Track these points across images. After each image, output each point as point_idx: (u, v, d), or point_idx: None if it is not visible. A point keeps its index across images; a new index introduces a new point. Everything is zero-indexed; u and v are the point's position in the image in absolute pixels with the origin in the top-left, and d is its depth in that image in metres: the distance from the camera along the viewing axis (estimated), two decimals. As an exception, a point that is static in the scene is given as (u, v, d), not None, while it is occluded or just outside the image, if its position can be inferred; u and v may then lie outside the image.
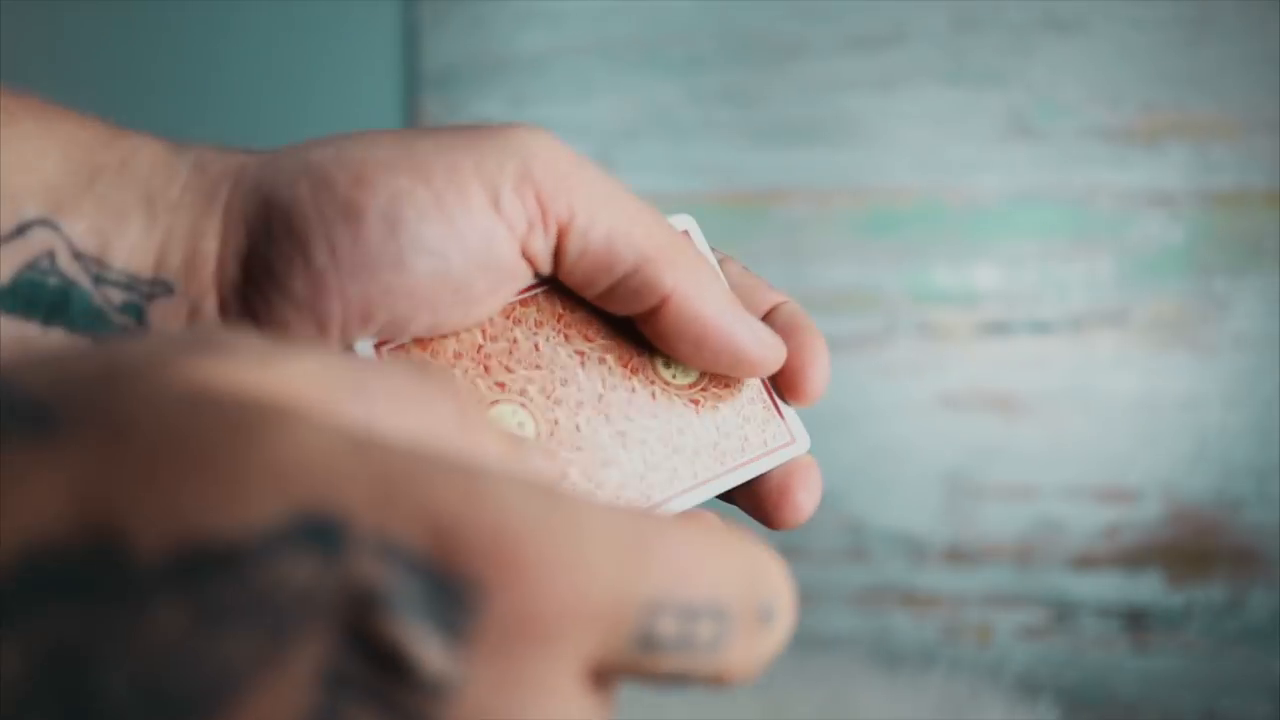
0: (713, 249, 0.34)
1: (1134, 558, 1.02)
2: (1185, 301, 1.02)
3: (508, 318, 0.30)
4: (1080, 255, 1.03)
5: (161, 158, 0.28)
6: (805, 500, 0.32)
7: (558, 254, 0.30)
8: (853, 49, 1.05)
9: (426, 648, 0.16)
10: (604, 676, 0.19)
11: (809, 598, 1.05)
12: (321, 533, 0.16)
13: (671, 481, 0.31)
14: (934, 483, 1.04)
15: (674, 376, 0.31)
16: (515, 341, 0.30)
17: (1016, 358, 1.04)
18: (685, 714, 0.85)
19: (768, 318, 0.35)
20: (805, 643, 1.03)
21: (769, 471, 0.32)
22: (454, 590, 0.16)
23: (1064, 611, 1.03)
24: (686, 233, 0.34)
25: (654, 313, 0.31)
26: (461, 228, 0.28)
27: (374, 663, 0.16)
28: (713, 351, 0.31)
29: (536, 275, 0.30)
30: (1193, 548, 1.02)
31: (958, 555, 1.04)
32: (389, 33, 1.12)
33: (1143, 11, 1.02)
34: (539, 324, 0.31)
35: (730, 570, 0.19)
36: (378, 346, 0.29)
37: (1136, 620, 1.02)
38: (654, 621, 0.18)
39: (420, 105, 1.10)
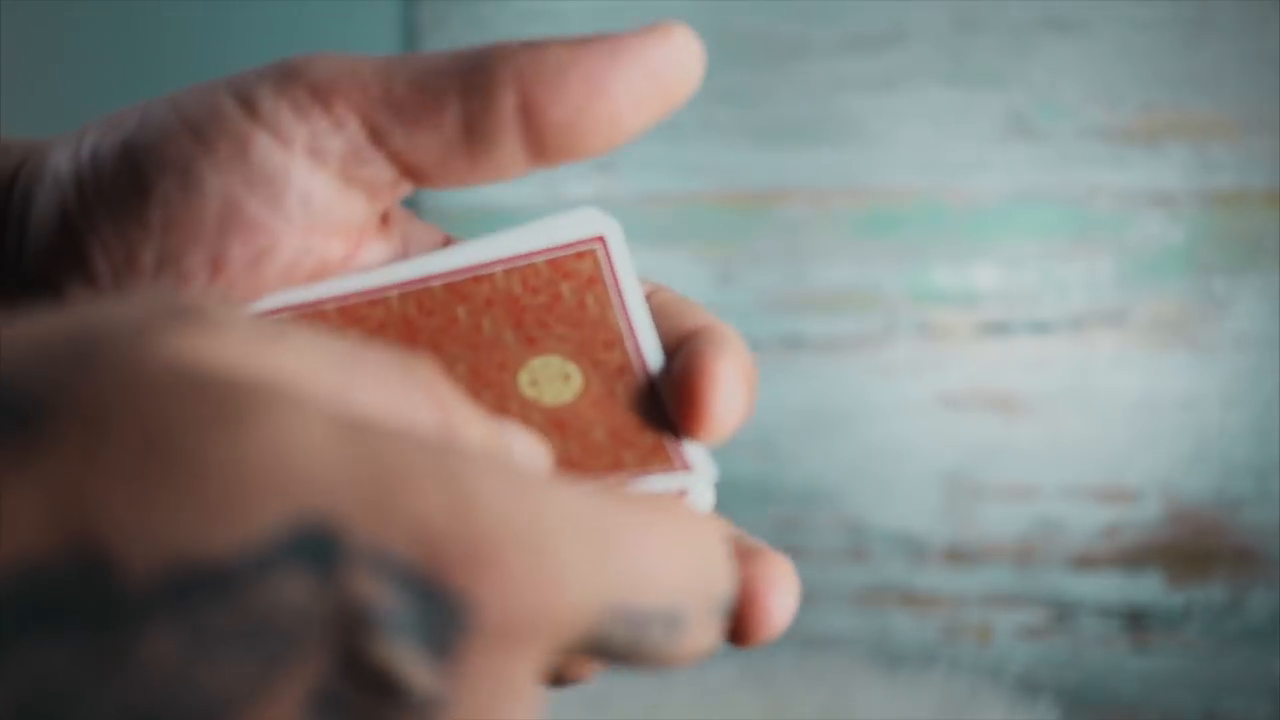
0: (643, 281, 0.30)
1: (1134, 558, 1.02)
2: (1185, 301, 1.02)
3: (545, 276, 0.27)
4: (1080, 255, 1.03)
5: None
6: (779, 608, 0.26)
7: (387, 149, 0.25)
8: (853, 49, 1.05)
9: (417, 669, 0.16)
10: (544, 671, 0.18)
11: (809, 598, 1.05)
12: (316, 547, 0.15)
13: None
14: (934, 483, 1.04)
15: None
16: (559, 296, 0.27)
17: (1016, 358, 1.04)
18: (685, 714, 0.85)
19: (690, 339, 0.28)
20: (805, 643, 1.03)
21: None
22: (444, 605, 0.16)
23: (1064, 611, 1.03)
24: (602, 239, 0.29)
25: (528, 112, 0.25)
26: (210, 138, 0.25)
27: (364, 684, 0.16)
28: (623, 83, 0.25)
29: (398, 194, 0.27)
30: (1193, 548, 1.02)
31: (958, 555, 1.04)
32: (389, 33, 1.12)
33: (1142, 11, 1.02)
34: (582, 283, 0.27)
35: (690, 569, 0.19)
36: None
37: (1136, 620, 1.02)
38: (610, 628, 0.18)
39: (420, 105, 1.10)
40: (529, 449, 0.24)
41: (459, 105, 0.25)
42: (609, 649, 0.18)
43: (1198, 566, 1.02)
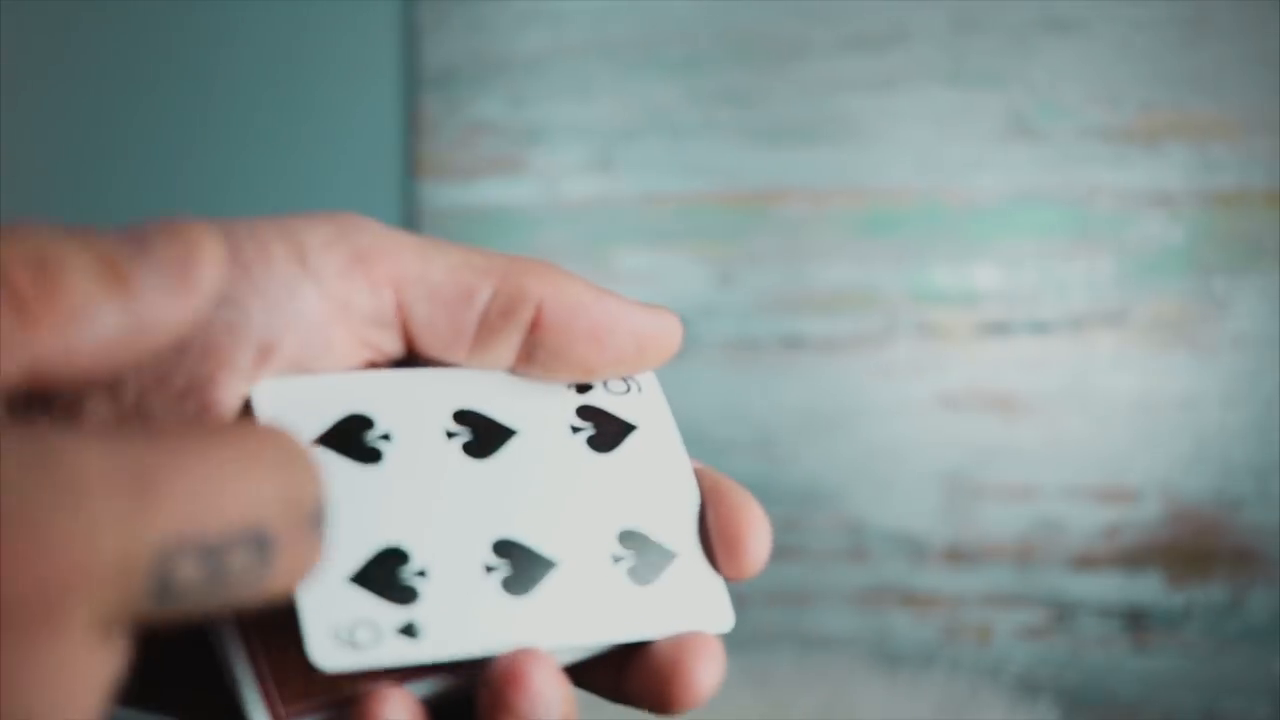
0: None
1: (1134, 558, 1.02)
2: (1185, 301, 1.02)
3: None
4: (1080, 255, 1.03)
5: None
6: (705, 674, 0.26)
7: (405, 320, 0.27)
8: (853, 49, 1.05)
9: None
10: (121, 627, 0.18)
11: (809, 598, 1.05)
12: None
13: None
14: (934, 483, 1.04)
15: None
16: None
17: (1016, 358, 1.04)
18: (685, 714, 0.85)
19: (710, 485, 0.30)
20: (805, 643, 1.04)
21: (654, 644, 0.27)
22: None
23: (1064, 611, 1.03)
24: None
25: (536, 328, 0.28)
26: (257, 278, 0.26)
27: None
28: (614, 338, 0.28)
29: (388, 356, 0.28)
30: (1193, 548, 1.02)
31: (958, 555, 1.04)
32: (389, 33, 1.12)
33: (1142, 11, 1.02)
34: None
35: (263, 486, 0.18)
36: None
37: (1136, 620, 1.02)
38: (170, 568, 0.17)
39: (420, 105, 1.10)
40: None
41: (485, 302, 0.27)
42: (192, 590, 0.18)
43: (1198, 566, 1.02)
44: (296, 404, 0.26)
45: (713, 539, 0.28)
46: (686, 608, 0.27)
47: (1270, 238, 1.01)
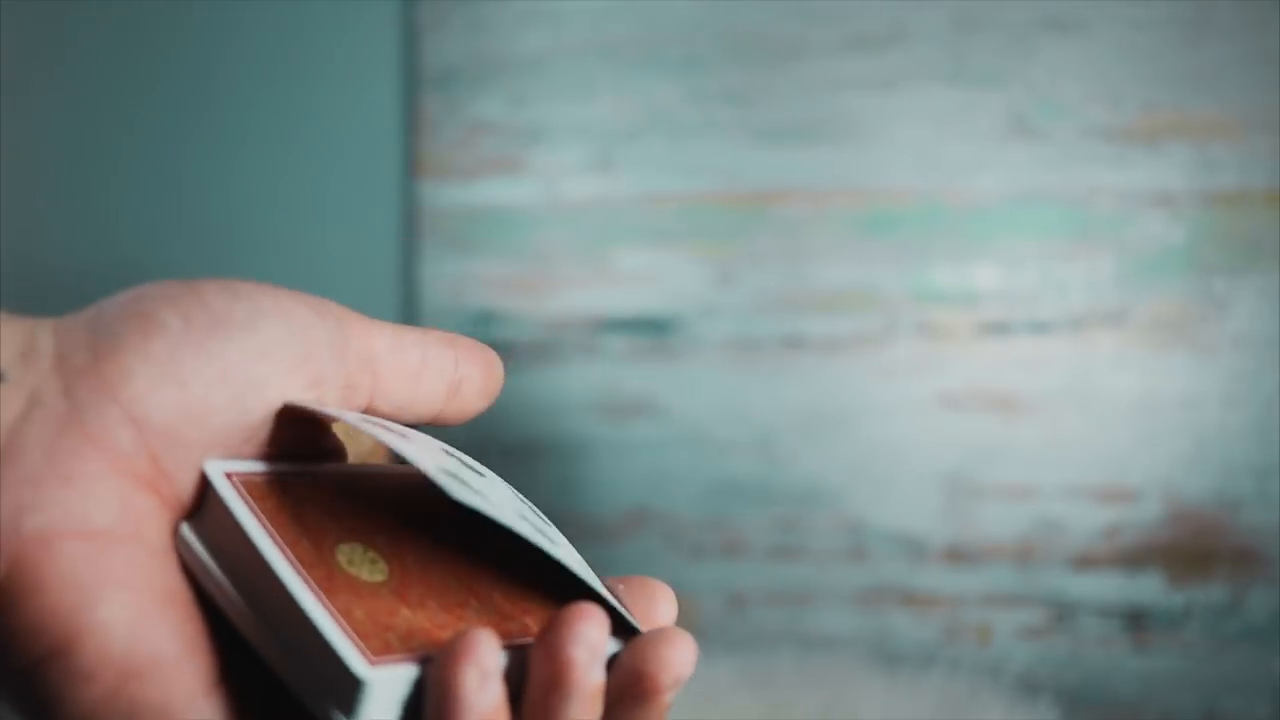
0: None
1: (1134, 558, 1.02)
2: (1185, 301, 1.02)
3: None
4: (1080, 255, 1.03)
5: None
6: (679, 653, 0.29)
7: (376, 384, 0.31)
8: (853, 49, 1.05)
9: None
10: None
11: (809, 598, 1.05)
12: None
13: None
14: (934, 483, 1.04)
15: None
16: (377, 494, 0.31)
17: (1016, 358, 1.04)
18: (685, 714, 0.85)
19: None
20: (805, 643, 1.04)
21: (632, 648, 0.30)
22: None
23: (1064, 611, 1.03)
24: None
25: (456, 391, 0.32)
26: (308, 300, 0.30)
27: None
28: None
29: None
30: (1193, 548, 1.02)
31: (958, 555, 1.04)
32: (389, 33, 1.12)
33: (1142, 11, 1.02)
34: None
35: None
36: (229, 475, 0.28)
37: (1136, 620, 1.02)
38: None
39: (420, 105, 1.10)
40: None
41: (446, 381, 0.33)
42: None
43: (1198, 566, 1.02)
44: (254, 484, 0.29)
45: (631, 603, 0.33)
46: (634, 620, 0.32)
47: (1270, 238, 1.01)
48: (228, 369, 0.27)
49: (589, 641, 0.27)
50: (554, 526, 0.33)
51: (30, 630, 0.25)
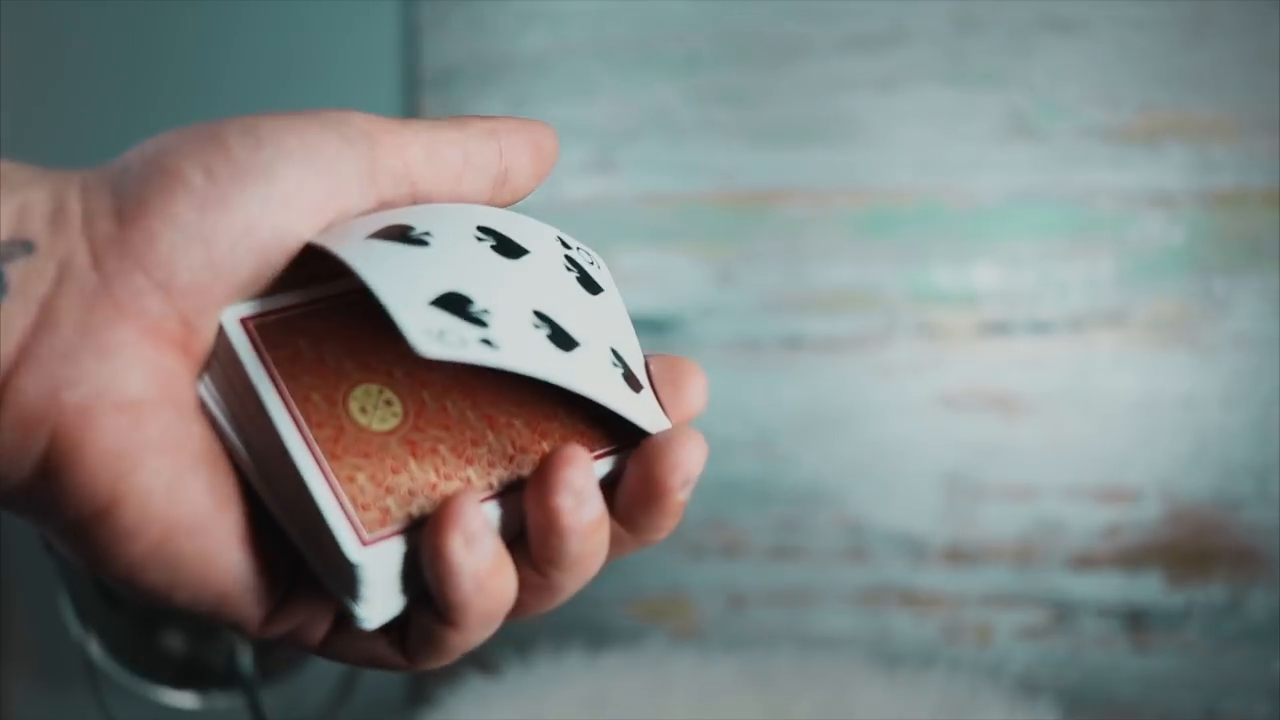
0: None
1: (1134, 558, 1.02)
2: (1185, 301, 1.02)
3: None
4: (1080, 255, 1.03)
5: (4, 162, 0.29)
6: (689, 452, 0.30)
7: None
8: (853, 49, 1.05)
9: None
10: None
11: (809, 598, 1.05)
12: None
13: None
14: (934, 483, 1.04)
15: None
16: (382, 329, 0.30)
17: (1016, 358, 1.04)
18: (685, 714, 0.85)
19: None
20: (805, 643, 1.04)
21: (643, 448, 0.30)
22: None
23: (1064, 611, 1.03)
24: None
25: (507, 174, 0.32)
26: (330, 131, 0.29)
27: None
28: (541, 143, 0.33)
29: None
30: (1193, 548, 1.02)
31: (958, 555, 1.04)
32: (389, 33, 1.12)
33: (1142, 12, 1.02)
34: None
35: None
36: (244, 321, 0.28)
37: (1136, 620, 1.02)
38: None
39: (420, 105, 1.10)
40: None
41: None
42: None
43: (1198, 566, 1.02)
44: (348, 226, 0.29)
45: (658, 387, 0.32)
46: (655, 418, 0.31)
47: (1270, 238, 1.01)
48: (251, 222, 0.27)
49: (573, 488, 0.28)
50: (604, 269, 0.33)
51: (75, 495, 0.26)
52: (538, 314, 0.29)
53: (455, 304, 0.27)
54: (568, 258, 0.32)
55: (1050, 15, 1.03)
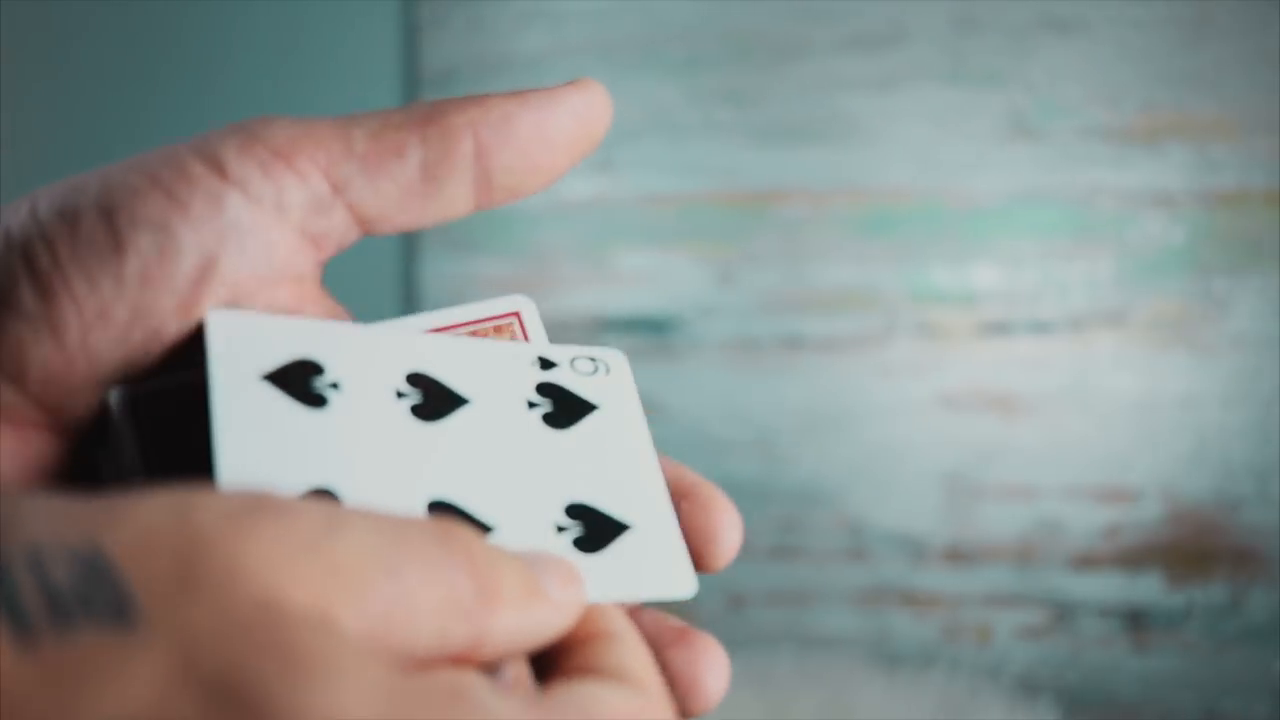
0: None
1: (1134, 558, 1.02)
2: (1185, 301, 1.02)
3: None
4: (1080, 255, 1.03)
5: None
6: (712, 688, 0.28)
7: (347, 200, 0.27)
8: (853, 49, 1.05)
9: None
10: None
11: (809, 598, 1.05)
12: None
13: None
14: (934, 483, 1.04)
15: None
16: None
17: (1016, 358, 1.04)
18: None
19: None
20: (805, 643, 1.04)
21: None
22: None
23: (1064, 611, 1.03)
24: (518, 314, 0.30)
25: (481, 156, 0.27)
26: (183, 199, 0.26)
27: None
28: (557, 124, 0.28)
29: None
30: (1193, 548, 1.02)
31: (958, 555, 1.04)
32: (389, 33, 1.12)
33: (1142, 12, 1.02)
34: None
35: None
36: (128, 400, 0.26)
37: (1136, 620, 1.02)
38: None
39: (420, 105, 1.10)
40: (562, 574, 0.24)
41: (419, 152, 0.27)
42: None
43: (1198, 566, 1.02)
44: (250, 338, 0.26)
45: (684, 533, 0.28)
46: (642, 574, 0.27)
47: (1270, 238, 1.01)
48: (103, 307, 0.25)
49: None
50: (614, 372, 0.29)
51: None
52: (433, 506, 0.25)
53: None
54: (543, 385, 0.28)
55: (1050, 15, 1.03)
